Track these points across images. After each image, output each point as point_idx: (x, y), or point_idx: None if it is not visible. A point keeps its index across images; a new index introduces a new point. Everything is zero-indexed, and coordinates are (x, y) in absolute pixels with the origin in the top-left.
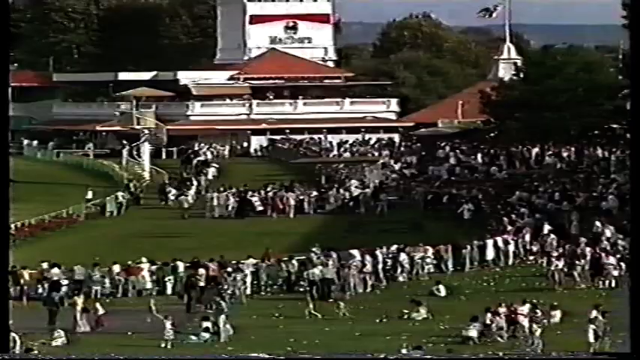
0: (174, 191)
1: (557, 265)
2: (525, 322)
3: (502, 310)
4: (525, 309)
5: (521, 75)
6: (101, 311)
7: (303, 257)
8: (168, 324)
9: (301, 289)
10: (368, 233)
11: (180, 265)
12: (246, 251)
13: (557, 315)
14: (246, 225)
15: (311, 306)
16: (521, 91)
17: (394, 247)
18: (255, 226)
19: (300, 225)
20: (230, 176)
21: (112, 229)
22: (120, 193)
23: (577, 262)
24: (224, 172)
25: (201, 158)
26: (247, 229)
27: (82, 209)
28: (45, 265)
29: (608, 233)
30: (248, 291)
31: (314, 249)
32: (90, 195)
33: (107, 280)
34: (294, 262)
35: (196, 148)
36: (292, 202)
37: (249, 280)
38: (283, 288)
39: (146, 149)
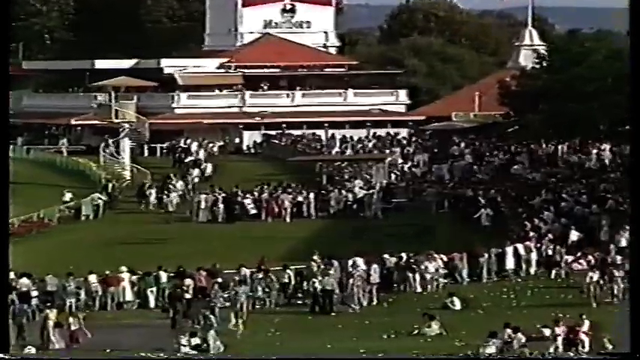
0: (155, 193)
1: (591, 278)
2: (586, 342)
3: (561, 328)
4: (585, 327)
5: (545, 63)
6: (76, 326)
7: (302, 266)
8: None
9: (299, 302)
10: (374, 239)
11: (164, 275)
12: (238, 259)
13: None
14: (238, 230)
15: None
16: (545, 80)
17: (403, 255)
18: (248, 232)
19: (298, 230)
20: (220, 176)
21: (88, 234)
22: (97, 195)
23: (615, 272)
24: (213, 172)
25: (194, 157)
26: (239, 235)
27: (55, 213)
28: (12, 275)
29: None
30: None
31: (314, 257)
32: (67, 197)
33: (83, 292)
34: (288, 271)
35: (187, 145)
36: (289, 205)
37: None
38: (280, 301)
39: (126, 145)
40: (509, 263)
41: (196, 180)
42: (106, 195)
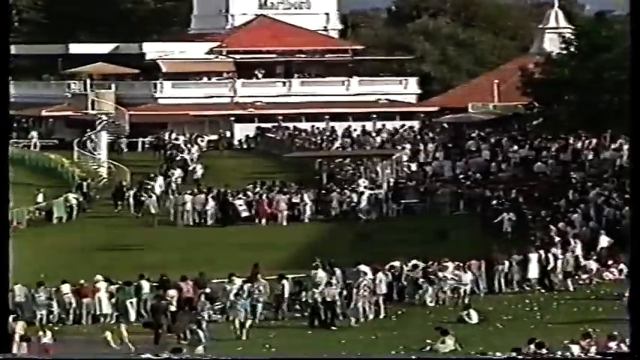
0: (134, 194)
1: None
2: None
3: (590, 344)
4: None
5: (572, 48)
6: (47, 338)
7: (300, 275)
8: None
9: (297, 315)
10: (381, 245)
11: (146, 285)
12: (229, 267)
13: None
14: (228, 235)
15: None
16: (572, 67)
17: (414, 263)
18: (240, 236)
19: (296, 235)
20: (209, 174)
21: (61, 239)
22: (70, 195)
23: None
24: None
25: (186, 156)
26: (229, 240)
27: (24, 215)
28: None
29: None
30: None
31: (313, 265)
32: (40, 198)
33: (55, 303)
34: (285, 281)
35: (178, 142)
36: (285, 206)
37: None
38: (276, 313)
39: (103, 140)
40: (533, 272)
41: (179, 180)
42: (80, 195)
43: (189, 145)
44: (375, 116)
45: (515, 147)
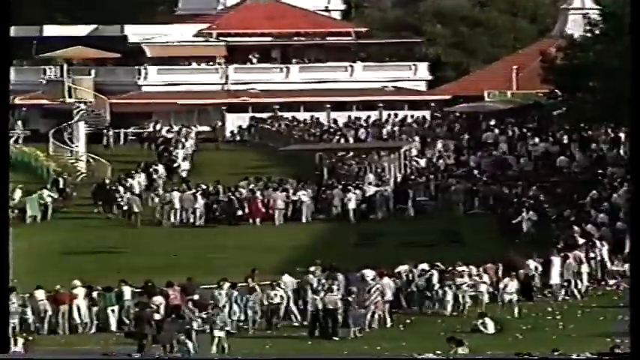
0: (121, 192)
1: None
2: None
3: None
4: None
5: (597, 31)
6: (17, 348)
7: (298, 280)
8: None
9: (296, 324)
10: (387, 247)
11: (129, 291)
12: (219, 272)
13: None
14: (219, 236)
15: None
16: (598, 52)
17: (424, 267)
18: (232, 238)
19: (294, 236)
20: (198, 169)
21: (35, 240)
22: (45, 192)
23: None
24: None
25: (180, 152)
26: (220, 242)
27: None
28: None
29: None
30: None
31: (312, 269)
32: (18, 195)
33: (28, 311)
34: (282, 286)
35: (169, 136)
36: (282, 205)
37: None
38: (269, 323)
39: (81, 131)
40: (555, 277)
41: (163, 177)
42: (56, 192)
43: (183, 140)
44: (381, 105)
45: (536, 139)
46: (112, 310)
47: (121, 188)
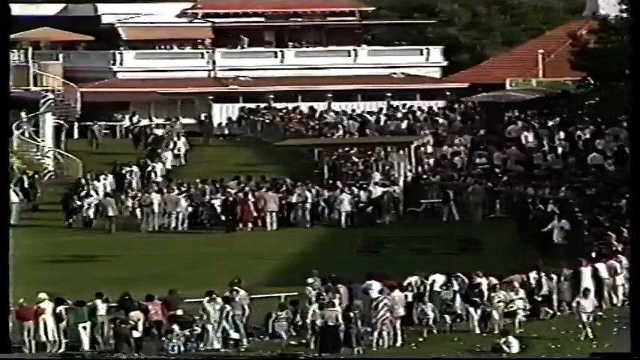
0: (92, 197)
1: None
2: None
3: None
4: None
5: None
6: None
7: (294, 293)
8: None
9: (292, 342)
10: (395, 255)
11: (103, 306)
12: (206, 284)
13: None
14: (206, 242)
15: None
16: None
17: (437, 277)
18: (220, 245)
19: (289, 242)
20: (180, 167)
21: None
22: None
23: None
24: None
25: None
26: (207, 249)
27: None
28: None
29: None
30: (218, 342)
31: (310, 280)
32: None
33: None
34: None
35: (159, 133)
36: (276, 207)
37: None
38: (262, 339)
39: (48, 123)
40: (585, 290)
41: (135, 179)
42: (20, 191)
43: (175, 139)
44: (389, 94)
45: (564, 133)
46: (84, 327)
47: (87, 191)
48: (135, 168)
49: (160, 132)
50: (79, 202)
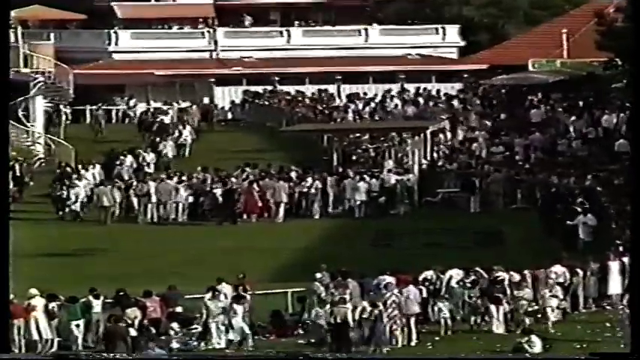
0: (82, 187)
1: None
2: None
3: None
4: None
5: None
6: None
7: (302, 289)
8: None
9: (301, 341)
10: (410, 248)
11: (98, 302)
12: (208, 278)
13: None
14: (207, 235)
15: None
16: None
17: (455, 272)
18: (222, 237)
19: (297, 234)
20: (179, 154)
21: None
22: None
23: None
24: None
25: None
26: (208, 242)
27: None
28: None
29: None
30: (220, 341)
31: (319, 275)
32: None
33: None
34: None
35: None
36: (284, 197)
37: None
38: (269, 338)
39: (39, 107)
40: (614, 286)
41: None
42: (11, 181)
43: (180, 127)
44: (402, 76)
45: (590, 118)
46: (77, 325)
47: (76, 181)
48: (128, 157)
49: (166, 119)
50: (64, 193)
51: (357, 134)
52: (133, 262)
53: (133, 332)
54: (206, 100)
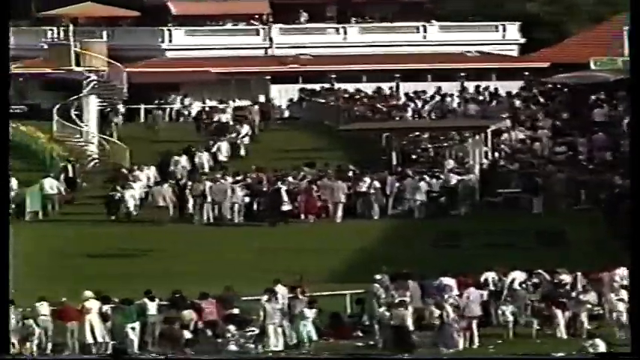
0: (137, 188)
1: None
2: None
3: None
4: None
5: None
6: None
7: (361, 290)
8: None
9: (359, 344)
10: (471, 248)
11: (153, 305)
12: (264, 280)
13: None
14: (264, 236)
15: None
16: None
17: (518, 274)
18: (279, 238)
19: (355, 235)
20: (234, 154)
21: (35, 240)
22: (48, 182)
23: None
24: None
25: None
26: (265, 243)
27: None
28: None
29: None
30: (278, 344)
31: (378, 276)
32: (15, 185)
33: (35, 327)
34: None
35: (224, 120)
36: (342, 197)
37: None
38: (327, 340)
39: (93, 107)
40: None
41: (183, 169)
42: (63, 181)
43: (237, 126)
44: (462, 74)
45: None
46: (133, 328)
47: (131, 182)
48: (184, 157)
49: (224, 118)
50: (119, 194)
51: (417, 133)
52: (189, 263)
53: (188, 334)
54: (261, 98)
